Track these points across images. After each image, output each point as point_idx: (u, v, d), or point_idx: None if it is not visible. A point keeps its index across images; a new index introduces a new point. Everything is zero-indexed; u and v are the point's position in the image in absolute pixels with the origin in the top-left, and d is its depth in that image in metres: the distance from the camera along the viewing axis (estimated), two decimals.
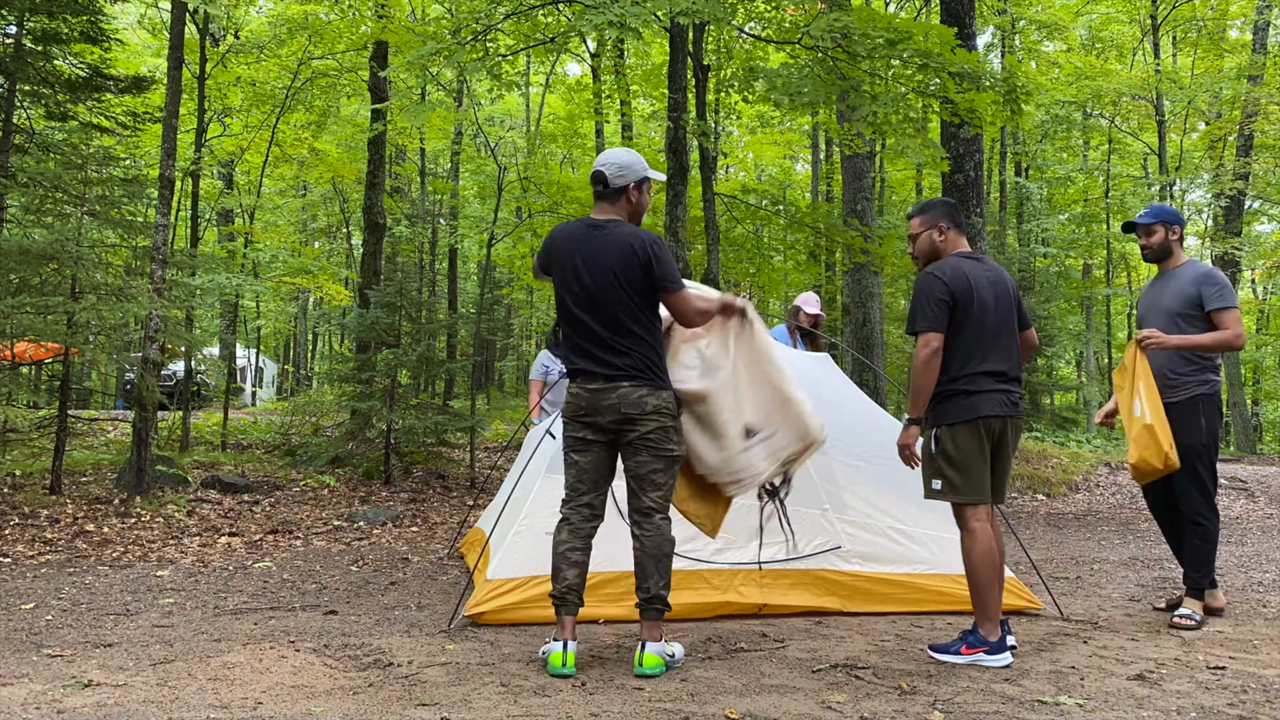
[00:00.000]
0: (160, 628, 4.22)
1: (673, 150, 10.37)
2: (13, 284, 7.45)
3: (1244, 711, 3.16)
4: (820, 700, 3.23)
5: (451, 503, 8.92)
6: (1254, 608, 5.09)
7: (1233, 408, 23.57)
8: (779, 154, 26.75)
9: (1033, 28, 21.06)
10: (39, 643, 3.91)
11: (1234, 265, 20.94)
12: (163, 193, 8.12)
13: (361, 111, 17.86)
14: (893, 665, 3.71)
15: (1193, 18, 23.36)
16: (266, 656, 3.64)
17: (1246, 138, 20.66)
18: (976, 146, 11.29)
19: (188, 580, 5.40)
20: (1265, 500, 10.78)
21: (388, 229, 15.89)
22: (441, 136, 19.98)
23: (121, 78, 8.98)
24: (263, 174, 17.06)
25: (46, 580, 5.29)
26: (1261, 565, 6.66)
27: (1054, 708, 3.17)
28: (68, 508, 7.36)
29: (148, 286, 7.83)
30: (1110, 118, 23.84)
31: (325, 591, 5.17)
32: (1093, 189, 24.30)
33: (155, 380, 7.90)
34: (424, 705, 3.10)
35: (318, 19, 13.58)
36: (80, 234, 7.86)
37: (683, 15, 8.22)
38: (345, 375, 10.95)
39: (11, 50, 8.18)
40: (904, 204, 24.08)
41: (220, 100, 14.84)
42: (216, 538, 6.77)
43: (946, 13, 10.98)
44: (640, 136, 22.64)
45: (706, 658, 3.79)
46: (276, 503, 8.33)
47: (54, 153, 8.40)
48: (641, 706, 3.12)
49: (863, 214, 14.29)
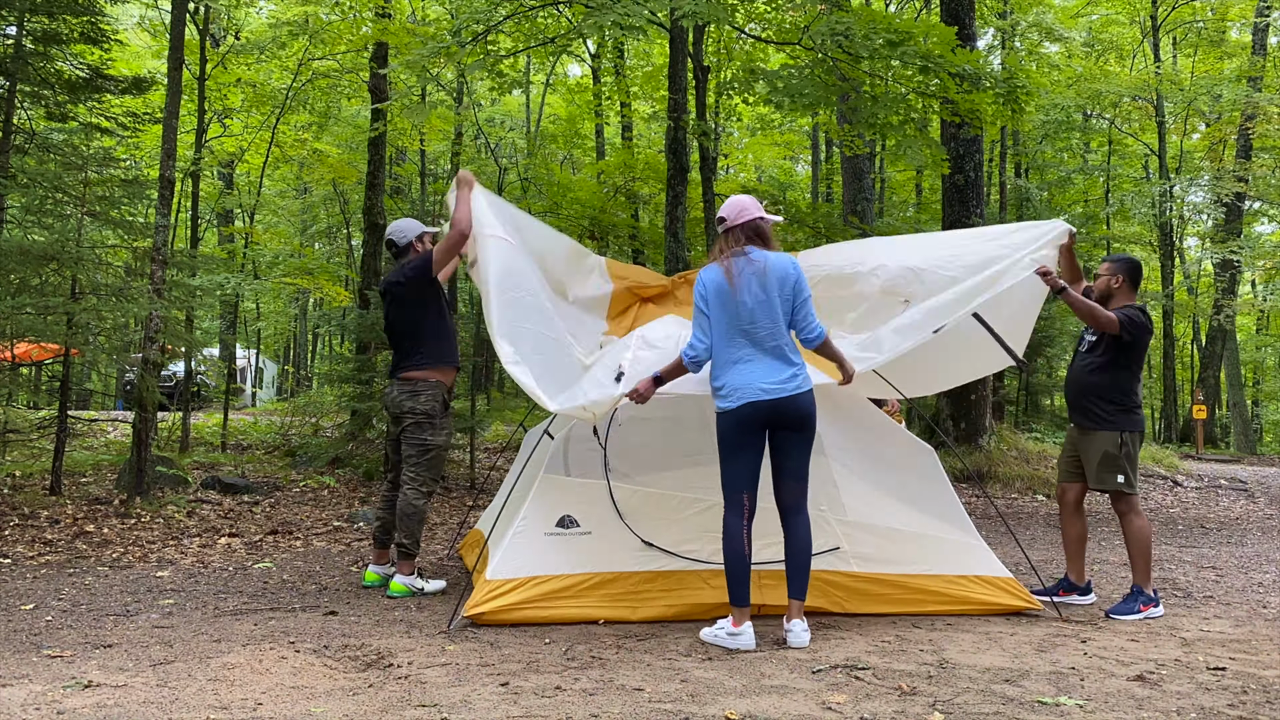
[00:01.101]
0: (160, 628, 4.21)
1: (673, 151, 10.38)
2: (13, 284, 7.44)
3: (1244, 712, 3.16)
4: (820, 701, 3.22)
5: (451, 503, 8.92)
6: (1254, 608, 5.09)
7: (1233, 408, 23.57)
8: (779, 155, 26.76)
9: (1033, 30, 21.06)
10: (39, 643, 3.91)
11: (1234, 266, 20.95)
12: (163, 193, 8.12)
13: (362, 113, 17.86)
14: (893, 666, 3.70)
15: (1193, 19, 23.37)
16: (266, 657, 3.64)
17: (1246, 139, 20.66)
18: (976, 147, 11.29)
19: (187, 581, 5.40)
20: (1265, 501, 10.78)
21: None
22: (442, 138, 19.97)
23: (122, 78, 8.97)
24: (263, 175, 17.07)
25: (46, 581, 5.29)
26: (1261, 566, 6.66)
27: (1054, 708, 3.17)
28: (68, 508, 7.36)
29: (148, 287, 7.82)
30: (1111, 119, 23.84)
31: (325, 592, 5.17)
32: (1093, 190, 24.30)
33: (155, 381, 7.90)
34: (424, 706, 3.09)
35: (318, 20, 13.58)
36: (80, 235, 7.86)
37: (685, 17, 8.22)
38: (345, 376, 10.94)
39: (12, 51, 8.17)
40: (904, 204, 24.09)
41: (220, 101, 14.83)
42: (216, 538, 6.77)
43: (947, 14, 10.99)
44: (640, 137, 22.64)
45: (706, 658, 3.79)
46: (276, 503, 8.33)
47: (54, 153, 8.40)
48: (641, 707, 3.12)
49: (863, 214, 14.31)
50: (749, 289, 4.10)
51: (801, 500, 4.16)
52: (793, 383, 4.08)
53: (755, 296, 4.09)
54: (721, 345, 4.14)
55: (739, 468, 4.09)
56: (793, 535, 4.13)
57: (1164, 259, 23.80)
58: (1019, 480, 10.89)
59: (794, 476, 4.14)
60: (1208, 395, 20.17)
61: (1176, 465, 13.36)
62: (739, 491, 4.09)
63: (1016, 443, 12.23)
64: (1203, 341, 24.17)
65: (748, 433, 4.07)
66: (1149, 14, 22.66)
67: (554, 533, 4.51)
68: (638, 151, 17.68)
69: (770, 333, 4.10)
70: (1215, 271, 21.84)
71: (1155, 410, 28.58)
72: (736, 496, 4.08)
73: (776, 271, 4.14)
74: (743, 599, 4.03)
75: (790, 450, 4.13)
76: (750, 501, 4.09)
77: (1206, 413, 18.60)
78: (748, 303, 4.09)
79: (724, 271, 4.14)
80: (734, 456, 4.09)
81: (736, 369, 4.10)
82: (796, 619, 4.06)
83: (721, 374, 4.14)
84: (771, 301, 4.11)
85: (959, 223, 11.33)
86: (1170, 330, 23.69)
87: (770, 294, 4.11)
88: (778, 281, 4.13)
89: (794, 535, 4.12)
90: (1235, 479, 12.20)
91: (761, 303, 4.10)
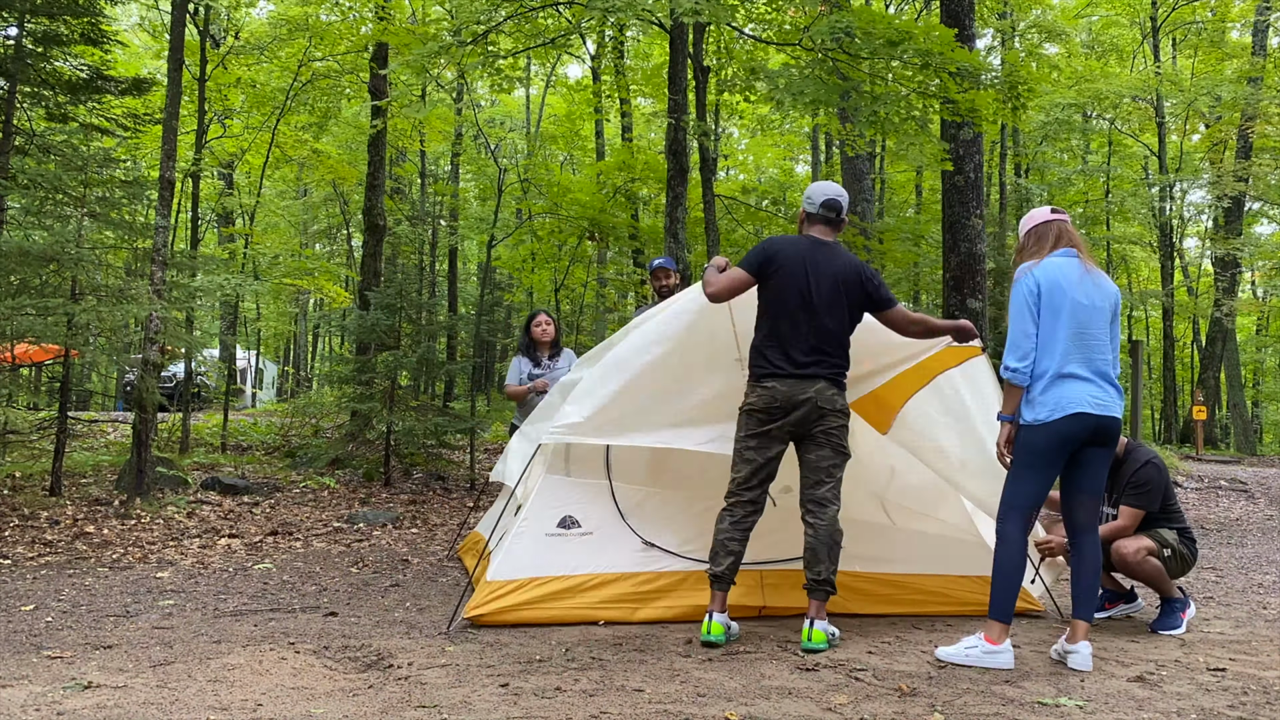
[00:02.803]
0: (160, 629, 4.21)
1: (673, 151, 10.38)
2: (13, 285, 7.44)
3: (1244, 713, 3.16)
4: (821, 702, 3.22)
5: (451, 504, 8.92)
6: (1254, 609, 5.09)
7: (1233, 409, 23.57)
8: (779, 155, 26.79)
9: (1033, 30, 21.08)
10: (39, 644, 3.91)
11: (1234, 266, 20.96)
12: (163, 194, 8.12)
13: (362, 113, 17.87)
14: (893, 667, 3.70)
15: (1193, 20, 23.37)
16: (266, 658, 3.64)
17: (1246, 140, 20.67)
18: (977, 148, 11.29)
19: (187, 582, 5.39)
20: (1265, 502, 10.78)
21: (388, 230, 15.89)
22: (442, 139, 20.00)
23: (122, 79, 8.98)
24: (263, 175, 17.07)
25: (46, 582, 5.29)
26: (1262, 567, 6.65)
27: (1054, 709, 3.17)
28: (68, 509, 7.35)
29: (148, 288, 7.82)
30: (1111, 119, 23.85)
31: (325, 593, 5.16)
32: (1093, 190, 24.31)
33: (155, 382, 7.90)
34: (424, 707, 3.09)
35: (318, 21, 13.59)
36: (80, 235, 7.85)
37: (684, 15, 8.22)
38: (345, 377, 10.94)
39: (12, 52, 8.17)
40: (904, 205, 24.09)
41: (221, 102, 14.83)
42: (216, 539, 6.77)
43: (946, 14, 10.99)
44: (640, 137, 22.65)
45: (706, 659, 3.79)
46: (276, 504, 8.33)
47: (54, 154, 8.40)
48: (642, 708, 3.12)
49: (863, 215, 14.31)
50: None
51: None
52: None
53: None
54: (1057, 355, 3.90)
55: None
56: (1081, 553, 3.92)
57: (1164, 259, 23.81)
58: None
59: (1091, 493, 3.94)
60: (1208, 396, 20.17)
61: (1176, 466, 13.36)
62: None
63: None
64: (1202, 342, 24.16)
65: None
66: (1149, 15, 22.67)
67: (555, 533, 4.50)
68: (638, 152, 17.68)
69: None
70: (1215, 271, 21.85)
71: (1155, 411, 28.60)
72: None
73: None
74: (1008, 615, 3.79)
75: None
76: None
77: (1206, 413, 18.59)
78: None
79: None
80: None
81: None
82: (1081, 640, 3.77)
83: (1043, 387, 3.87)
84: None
85: (959, 223, 11.33)
86: (1170, 331, 23.70)
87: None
88: None
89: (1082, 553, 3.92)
90: (1235, 480, 12.21)
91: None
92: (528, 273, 19.58)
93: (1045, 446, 3.80)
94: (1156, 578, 4.48)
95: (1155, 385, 28.98)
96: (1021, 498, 3.85)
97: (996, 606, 3.77)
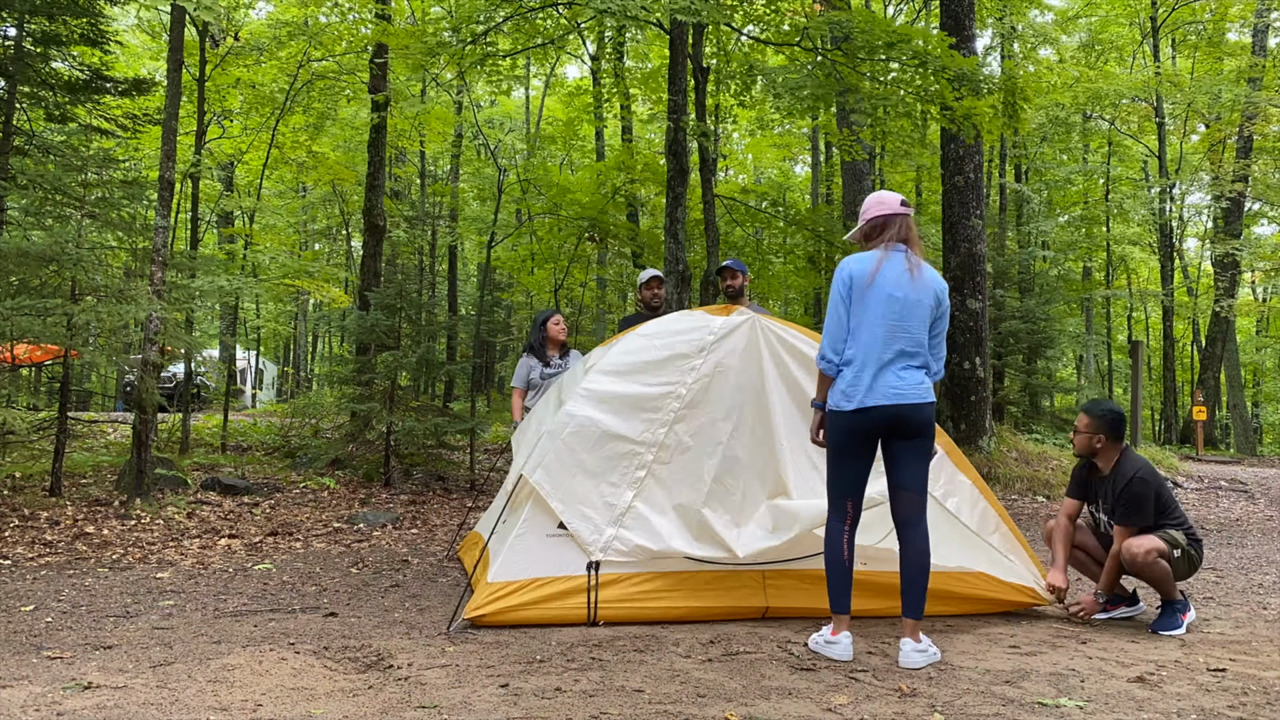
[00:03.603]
0: (160, 630, 4.21)
1: (672, 152, 10.38)
2: (12, 286, 7.44)
3: (1244, 714, 3.16)
4: (821, 702, 3.22)
5: (451, 505, 8.92)
6: (1254, 610, 5.09)
7: (1233, 409, 23.57)
8: (779, 156, 26.80)
9: (1030, 32, 21.10)
10: (39, 645, 3.91)
11: (1234, 267, 20.96)
12: (162, 195, 8.12)
13: (361, 114, 17.87)
14: (893, 667, 3.70)
15: (1192, 20, 23.38)
16: (266, 658, 3.64)
17: (1246, 140, 20.67)
18: (976, 149, 11.31)
19: (187, 582, 5.39)
20: (1265, 502, 10.78)
21: (387, 231, 15.89)
22: (441, 140, 20.00)
23: (121, 80, 8.98)
24: (262, 176, 17.07)
25: (46, 582, 5.29)
26: (1262, 567, 6.66)
27: (1054, 710, 3.17)
28: (67, 510, 7.35)
29: (147, 288, 7.82)
30: (1110, 120, 23.86)
31: (325, 593, 5.16)
32: (1093, 191, 24.34)
33: (155, 382, 7.90)
34: (424, 707, 3.09)
35: (317, 22, 13.59)
36: (80, 236, 7.85)
37: (681, 14, 8.23)
38: (345, 377, 10.95)
39: (11, 52, 8.18)
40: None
41: (220, 102, 14.83)
42: (216, 540, 6.77)
43: (946, 15, 11.00)
44: (639, 139, 22.65)
45: (707, 660, 3.79)
46: (276, 505, 8.33)
47: (54, 155, 8.40)
48: (642, 708, 3.12)
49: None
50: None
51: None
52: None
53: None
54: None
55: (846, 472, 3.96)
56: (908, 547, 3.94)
57: (1164, 260, 23.83)
58: (1019, 481, 10.88)
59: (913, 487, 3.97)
60: (1208, 396, 20.17)
61: (1176, 466, 13.37)
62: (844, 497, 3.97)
63: (1017, 444, 12.23)
64: (1202, 343, 24.17)
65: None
66: (1148, 15, 22.68)
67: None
68: (637, 153, 17.69)
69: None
70: (1215, 272, 21.86)
71: (1155, 411, 28.60)
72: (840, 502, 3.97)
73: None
74: (842, 607, 3.87)
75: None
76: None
77: (1206, 414, 18.60)
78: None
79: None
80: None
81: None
82: (906, 637, 3.81)
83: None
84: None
85: (959, 223, 11.34)
86: (1170, 331, 23.71)
87: None
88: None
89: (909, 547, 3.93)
90: (1235, 480, 12.21)
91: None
92: (527, 273, 19.59)
93: (846, 435, 3.91)
94: (1163, 579, 4.48)
95: (1155, 386, 28.99)
96: (839, 486, 3.95)
97: (830, 599, 3.90)
